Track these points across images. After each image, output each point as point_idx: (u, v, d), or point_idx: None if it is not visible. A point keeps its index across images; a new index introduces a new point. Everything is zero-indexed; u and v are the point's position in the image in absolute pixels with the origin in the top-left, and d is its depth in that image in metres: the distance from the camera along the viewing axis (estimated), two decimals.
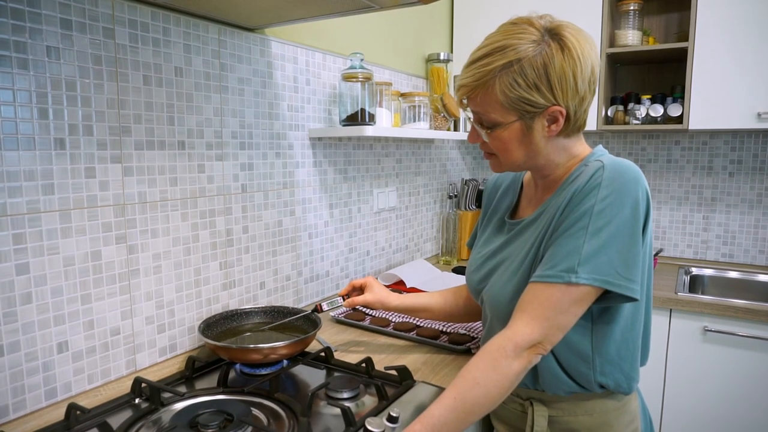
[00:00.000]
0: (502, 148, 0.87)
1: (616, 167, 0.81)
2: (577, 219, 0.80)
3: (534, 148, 0.87)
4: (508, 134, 0.85)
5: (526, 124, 0.84)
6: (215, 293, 1.30)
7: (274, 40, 1.40)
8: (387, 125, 1.64)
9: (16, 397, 0.93)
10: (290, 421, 0.95)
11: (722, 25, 1.82)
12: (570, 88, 0.81)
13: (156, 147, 1.13)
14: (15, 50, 0.89)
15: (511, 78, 0.80)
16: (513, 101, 0.81)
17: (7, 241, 0.90)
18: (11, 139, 0.90)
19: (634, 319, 0.88)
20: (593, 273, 0.78)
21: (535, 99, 0.81)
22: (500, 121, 0.84)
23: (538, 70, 0.80)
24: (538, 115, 0.83)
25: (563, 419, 0.92)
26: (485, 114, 0.85)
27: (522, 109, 0.82)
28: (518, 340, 0.80)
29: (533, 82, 0.80)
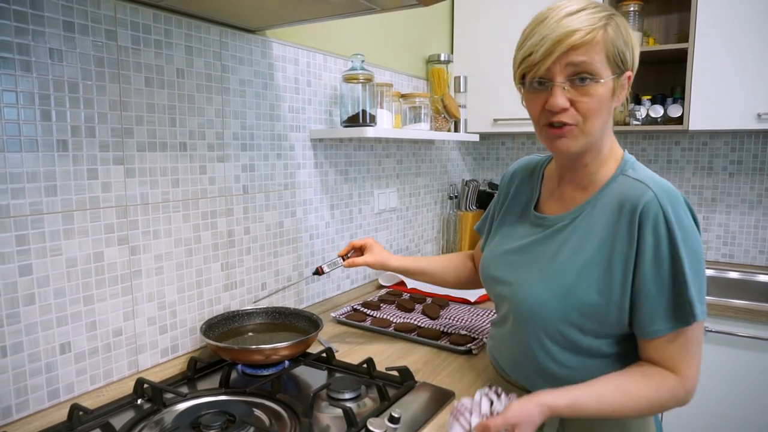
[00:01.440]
0: (595, 108, 0.82)
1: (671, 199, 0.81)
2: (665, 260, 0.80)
3: (608, 117, 0.86)
4: (604, 90, 0.82)
5: (615, 85, 0.83)
6: (217, 294, 1.30)
7: (275, 42, 1.40)
8: (388, 126, 1.64)
9: (19, 398, 0.94)
10: (292, 421, 0.96)
11: (722, 25, 1.82)
12: (637, 55, 0.85)
13: (158, 148, 1.13)
14: (18, 52, 0.89)
15: (615, 29, 0.81)
16: (614, 54, 0.81)
17: (10, 242, 0.91)
18: (14, 141, 0.90)
19: None
20: (702, 306, 0.81)
21: (626, 56, 0.83)
22: (603, 75, 0.81)
23: (626, 30, 0.83)
24: (620, 76, 0.84)
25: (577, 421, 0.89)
26: (591, 64, 0.80)
27: (617, 65, 0.82)
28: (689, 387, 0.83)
29: (627, 38, 0.82)
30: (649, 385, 0.81)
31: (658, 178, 0.85)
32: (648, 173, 0.87)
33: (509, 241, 0.99)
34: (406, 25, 2.00)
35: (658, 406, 0.82)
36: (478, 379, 1.13)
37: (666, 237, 0.79)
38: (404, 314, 1.50)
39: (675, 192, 0.83)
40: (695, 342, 0.83)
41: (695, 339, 0.82)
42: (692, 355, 0.82)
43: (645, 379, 0.82)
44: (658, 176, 0.86)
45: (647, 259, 0.80)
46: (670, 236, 0.79)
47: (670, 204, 0.80)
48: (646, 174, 0.86)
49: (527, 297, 0.90)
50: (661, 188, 0.82)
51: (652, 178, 0.85)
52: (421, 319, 1.45)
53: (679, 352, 0.82)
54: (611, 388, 0.82)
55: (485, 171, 2.70)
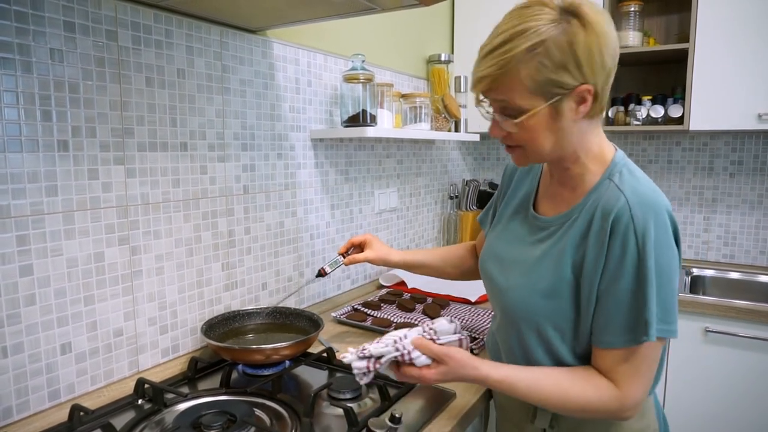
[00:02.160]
0: (530, 137, 0.82)
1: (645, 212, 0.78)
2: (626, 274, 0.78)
3: (562, 135, 0.82)
4: (536, 121, 0.80)
5: (555, 109, 0.79)
6: (217, 294, 1.30)
7: (275, 42, 1.40)
8: (388, 126, 1.64)
9: (19, 399, 0.94)
10: (293, 421, 0.96)
11: (722, 26, 1.82)
12: (597, 63, 0.77)
13: (158, 148, 1.13)
14: (18, 53, 0.89)
15: (537, 61, 0.76)
16: (541, 85, 0.77)
17: (11, 242, 0.91)
18: (15, 141, 0.90)
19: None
20: (663, 324, 0.78)
21: (564, 80, 0.77)
22: (527, 108, 0.79)
23: (563, 49, 0.76)
24: (567, 96, 0.79)
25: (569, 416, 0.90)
26: (511, 102, 0.79)
27: (550, 93, 0.78)
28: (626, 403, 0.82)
29: (561, 62, 0.76)
30: (585, 390, 0.82)
31: (642, 188, 0.81)
32: (631, 181, 0.83)
33: (506, 240, 1.00)
34: (406, 25, 2.00)
35: (588, 412, 0.83)
36: None
37: (633, 251, 0.77)
38: (405, 314, 1.50)
39: (655, 203, 0.79)
40: (647, 361, 0.81)
41: (647, 358, 0.80)
42: (640, 374, 0.81)
43: (584, 382, 0.83)
44: (644, 184, 0.82)
45: (610, 269, 0.79)
46: (638, 251, 0.77)
47: (642, 216, 0.77)
48: (629, 182, 0.83)
49: (512, 298, 0.92)
50: (637, 198, 0.79)
51: (633, 188, 0.81)
52: (422, 318, 1.45)
53: (626, 367, 0.81)
54: (548, 380, 0.84)
55: (486, 171, 2.70)
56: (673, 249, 0.79)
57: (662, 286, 0.78)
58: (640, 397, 0.81)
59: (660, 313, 0.78)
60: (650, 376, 0.82)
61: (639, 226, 0.77)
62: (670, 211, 0.81)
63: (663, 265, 0.78)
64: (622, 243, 0.78)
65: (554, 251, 0.87)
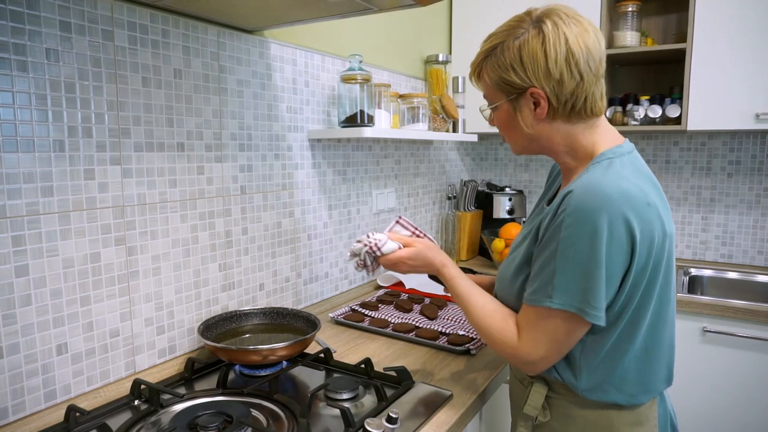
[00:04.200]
0: (501, 127, 0.95)
1: (584, 193, 0.79)
2: (549, 241, 0.84)
3: (529, 131, 0.90)
4: (500, 114, 0.93)
5: (513, 105, 0.90)
6: (215, 295, 1.30)
7: (273, 42, 1.40)
8: (386, 126, 1.64)
9: (15, 399, 0.93)
10: (290, 422, 0.95)
11: (720, 26, 1.82)
12: (540, 69, 0.84)
13: (155, 149, 1.13)
14: (14, 52, 0.89)
15: (493, 61, 0.89)
16: (496, 82, 0.89)
17: (7, 243, 0.90)
18: (10, 141, 0.90)
19: (628, 337, 0.86)
20: (565, 298, 0.81)
21: (511, 79, 0.87)
22: (493, 102, 0.93)
23: (513, 52, 0.86)
24: (522, 96, 0.88)
25: (563, 403, 0.92)
26: (486, 94, 0.95)
27: (505, 90, 0.89)
28: (519, 355, 0.89)
29: (509, 63, 0.86)
30: (497, 323, 0.92)
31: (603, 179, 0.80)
32: (599, 172, 0.83)
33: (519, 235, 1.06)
34: (404, 25, 2.00)
35: (491, 343, 0.93)
36: (477, 379, 1.13)
37: (557, 227, 0.82)
38: (402, 314, 1.50)
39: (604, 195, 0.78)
40: (548, 328, 0.84)
41: (548, 325, 0.84)
42: (537, 336, 0.86)
43: (501, 317, 0.93)
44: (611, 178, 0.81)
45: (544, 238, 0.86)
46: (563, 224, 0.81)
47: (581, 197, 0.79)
48: (595, 171, 0.84)
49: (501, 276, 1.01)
50: (587, 185, 0.80)
51: (591, 178, 0.81)
52: (420, 319, 1.45)
53: (528, 325, 0.87)
54: (480, 299, 0.96)
55: (484, 171, 2.70)
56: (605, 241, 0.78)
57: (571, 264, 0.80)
58: (533, 357, 0.87)
59: (573, 291, 0.80)
60: (551, 346, 0.85)
61: (571, 205, 0.80)
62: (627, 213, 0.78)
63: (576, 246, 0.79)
64: (558, 215, 0.83)
65: (532, 230, 0.93)
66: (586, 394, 0.88)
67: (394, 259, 1.03)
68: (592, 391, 0.88)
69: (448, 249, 2.22)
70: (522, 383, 1.00)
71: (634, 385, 0.88)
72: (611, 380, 0.88)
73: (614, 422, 0.89)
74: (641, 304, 0.85)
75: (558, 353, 0.86)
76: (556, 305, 0.82)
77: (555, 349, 0.86)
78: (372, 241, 1.04)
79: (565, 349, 0.86)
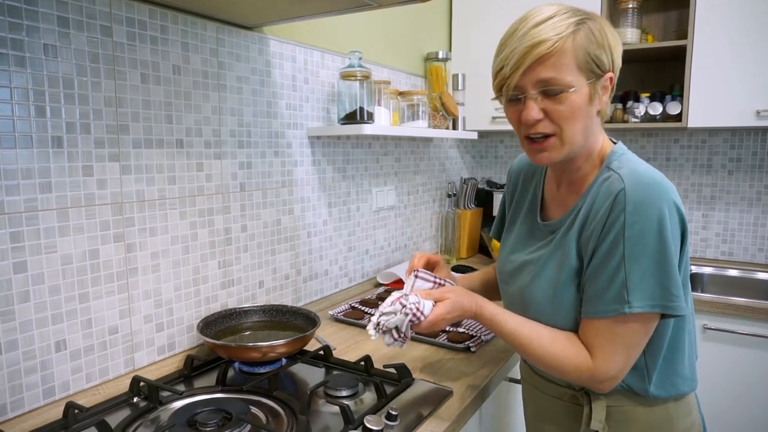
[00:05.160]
0: (571, 117, 0.81)
1: (638, 186, 0.79)
2: (612, 247, 0.79)
3: (590, 123, 0.85)
4: (579, 99, 0.81)
5: (593, 90, 0.82)
6: (214, 292, 1.29)
7: (272, 39, 1.40)
8: (386, 124, 1.63)
9: (13, 396, 0.93)
10: (289, 419, 0.95)
11: (721, 23, 1.81)
12: (617, 55, 0.84)
13: (154, 145, 1.12)
14: (12, 48, 0.89)
15: (586, 35, 0.80)
16: (587, 62, 0.80)
17: (5, 239, 0.90)
18: (8, 137, 0.89)
19: (681, 326, 0.87)
20: (645, 299, 0.78)
21: (602, 60, 0.81)
22: (574, 84, 0.80)
23: (601, 31, 0.82)
24: (599, 80, 0.83)
25: (621, 409, 0.89)
26: (559, 76, 0.79)
27: (591, 70, 0.81)
28: (597, 375, 0.83)
29: (600, 41, 0.81)
30: (563, 351, 0.85)
31: (641, 169, 0.82)
32: (629, 165, 0.84)
33: (518, 246, 1.01)
34: (404, 22, 2.00)
35: (561, 372, 0.86)
36: (477, 376, 1.13)
37: (621, 224, 0.78)
38: None
39: (654, 183, 0.79)
40: (623, 337, 0.81)
41: (625, 334, 0.80)
42: (615, 349, 0.81)
43: (564, 344, 0.85)
44: (644, 167, 0.82)
45: (603, 244, 0.81)
46: (624, 224, 0.78)
47: (635, 192, 0.78)
48: (627, 165, 0.84)
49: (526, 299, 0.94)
50: (634, 177, 0.80)
51: (631, 169, 0.82)
52: None
53: (602, 341, 0.82)
54: (534, 330, 0.88)
55: (484, 169, 2.70)
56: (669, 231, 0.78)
57: (644, 264, 0.77)
58: (613, 372, 0.82)
59: (653, 288, 0.77)
60: (628, 354, 0.82)
61: (630, 201, 0.78)
62: (675, 198, 0.79)
63: (644, 243, 0.77)
64: (614, 219, 0.79)
65: (562, 245, 0.88)
66: (656, 393, 0.86)
67: (434, 320, 0.89)
68: (661, 388, 0.87)
69: (448, 247, 2.22)
70: (562, 399, 0.96)
71: (689, 368, 0.89)
72: (676, 370, 0.87)
73: (672, 415, 0.89)
74: (687, 287, 0.85)
75: (633, 360, 0.83)
76: (637, 309, 0.77)
77: (632, 356, 0.82)
78: (412, 308, 0.88)
79: (638, 354, 0.83)
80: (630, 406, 0.89)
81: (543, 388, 1.00)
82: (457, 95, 2.07)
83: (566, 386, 0.95)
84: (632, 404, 0.89)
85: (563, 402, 0.96)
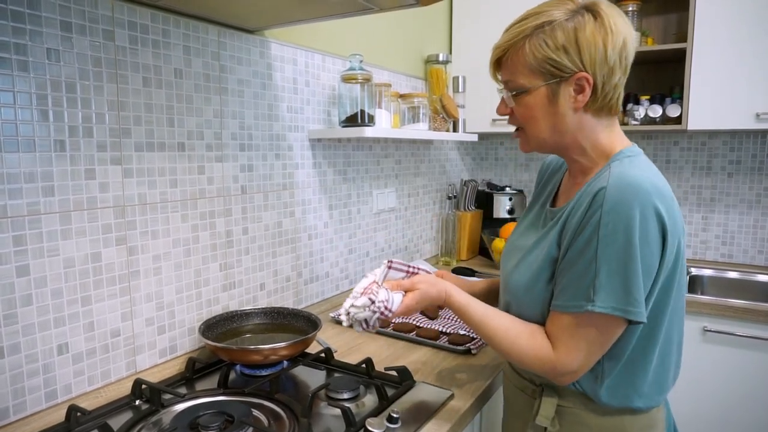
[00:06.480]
0: (528, 116, 0.87)
1: (618, 187, 0.78)
2: (586, 244, 0.80)
3: (559, 120, 0.85)
4: (533, 100, 0.85)
5: (552, 90, 0.84)
6: (215, 294, 1.30)
7: (273, 42, 1.40)
8: (386, 126, 1.64)
9: (16, 399, 0.93)
10: (291, 421, 0.95)
11: (721, 25, 1.82)
12: (599, 54, 0.81)
13: (156, 148, 1.13)
14: (15, 52, 0.89)
15: (540, 39, 0.82)
16: (540, 63, 0.82)
17: (8, 242, 0.90)
18: (11, 141, 0.90)
19: (650, 338, 0.85)
20: (608, 301, 0.78)
21: (561, 61, 0.82)
22: (527, 86, 0.85)
23: (567, 33, 0.81)
24: (565, 81, 0.83)
25: (574, 411, 0.89)
26: (513, 79, 0.86)
27: (548, 72, 0.83)
28: (558, 368, 0.84)
29: (562, 43, 0.81)
30: (528, 342, 0.86)
31: (632, 171, 0.81)
32: (624, 166, 0.83)
33: (520, 233, 1.03)
34: (404, 25, 2.00)
35: (524, 363, 0.87)
36: (477, 378, 1.13)
37: (596, 222, 0.78)
38: None
39: (637, 186, 0.78)
40: (588, 335, 0.81)
41: (589, 332, 0.81)
42: (577, 345, 0.82)
43: (529, 335, 0.87)
44: (639, 171, 0.81)
45: (577, 239, 0.81)
46: (600, 222, 0.78)
47: (615, 191, 0.78)
48: (622, 166, 0.83)
49: (510, 282, 0.96)
50: (619, 178, 0.79)
51: (622, 170, 0.81)
52: (420, 319, 1.45)
53: (566, 335, 0.83)
54: (501, 320, 0.90)
55: (484, 171, 2.70)
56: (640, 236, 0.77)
57: (613, 264, 0.77)
58: (574, 366, 0.83)
59: (617, 291, 0.77)
60: (589, 351, 0.82)
61: (608, 201, 0.78)
62: (658, 204, 0.78)
63: (616, 244, 0.77)
64: (591, 215, 0.80)
65: (550, 234, 0.89)
66: (606, 400, 0.86)
67: (403, 311, 0.94)
68: (612, 397, 0.86)
69: (448, 249, 2.22)
70: (524, 392, 0.98)
71: (651, 386, 0.87)
72: (633, 383, 0.86)
73: (627, 427, 0.87)
74: (664, 300, 0.83)
75: (595, 359, 0.83)
76: (599, 309, 0.78)
77: (594, 354, 0.82)
78: (381, 306, 0.91)
79: (600, 354, 0.83)
80: (582, 410, 0.89)
81: (513, 380, 1.02)
82: (458, 97, 2.07)
83: (528, 380, 0.97)
84: (584, 407, 0.89)
85: (525, 395, 0.98)
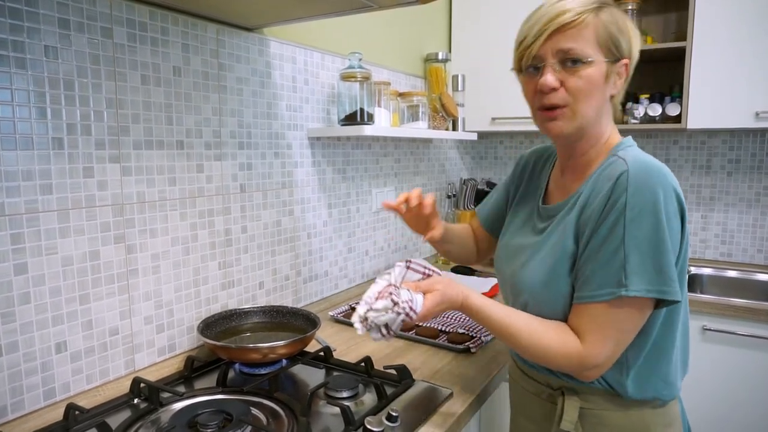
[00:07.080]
0: (585, 90, 0.82)
1: (640, 170, 0.79)
2: (612, 229, 0.78)
3: (602, 102, 0.86)
4: (596, 73, 0.82)
5: (609, 69, 0.84)
6: (214, 293, 1.29)
7: (272, 40, 1.40)
8: (385, 125, 1.64)
9: (14, 398, 0.93)
10: (290, 420, 0.95)
11: (720, 24, 1.82)
12: (635, 46, 0.86)
13: (154, 147, 1.13)
14: (13, 49, 0.89)
15: (608, 16, 0.82)
16: (607, 40, 0.82)
17: (6, 241, 0.90)
18: (9, 139, 0.89)
19: (670, 323, 0.85)
20: (642, 284, 0.77)
21: (621, 44, 0.83)
22: (593, 58, 0.82)
23: (622, 18, 0.84)
24: (615, 63, 0.84)
25: (595, 412, 0.87)
26: (579, 47, 0.81)
27: (610, 50, 0.83)
28: (586, 361, 0.81)
29: (620, 27, 0.84)
30: (553, 338, 0.83)
31: (646, 157, 0.81)
32: (636, 153, 0.83)
33: (516, 233, 1.01)
34: (403, 23, 2.00)
35: (550, 361, 0.84)
36: (477, 377, 1.13)
37: (622, 207, 0.77)
38: None
39: (658, 171, 0.78)
40: (615, 322, 0.79)
41: (616, 319, 0.79)
42: (606, 333, 0.80)
43: (554, 332, 0.84)
44: (648, 156, 0.82)
45: (601, 227, 0.80)
46: (626, 206, 0.77)
47: (637, 176, 0.78)
48: (633, 153, 0.84)
49: (519, 282, 0.93)
50: (638, 164, 0.79)
51: (636, 156, 0.82)
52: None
53: (593, 325, 0.80)
54: (521, 320, 0.86)
55: (483, 170, 2.70)
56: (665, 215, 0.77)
57: (643, 249, 0.76)
58: (601, 359, 0.81)
59: (649, 272, 0.76)
60: (618, 340, 0.80)
61: (632, 183, 0.77)
62: (675, 185, 0.79)
63: (644, 228, 0.76)
64: (615, 200, 0.79)
65: (558, 229, 0.88)
66: (632, 392, 0.85)
67: (425, 314, 0.86)
68: (638, 388, 0.85)
69: None
70: (539, 396, 0.95)
71: (675, 371, 0.86)
72: (659, 370, 0.85)
73: (650, 424, 0.87)
74: (681, 281, 0.82)
75: (622, 348, 0.81)
76: (633, 292, 0.76)
77: (622, 343, 0.81)
78: (405, 308, 0.84)
79: (628, 343, 0.81)
80: (605, 410, 0.87)
81: (525, 384, 1.00)
82: (457, 96, 2.07)
83: (545, 384, 0.94)
84: (607, 407, 0.87)
85: (541, 399, 0.95)
